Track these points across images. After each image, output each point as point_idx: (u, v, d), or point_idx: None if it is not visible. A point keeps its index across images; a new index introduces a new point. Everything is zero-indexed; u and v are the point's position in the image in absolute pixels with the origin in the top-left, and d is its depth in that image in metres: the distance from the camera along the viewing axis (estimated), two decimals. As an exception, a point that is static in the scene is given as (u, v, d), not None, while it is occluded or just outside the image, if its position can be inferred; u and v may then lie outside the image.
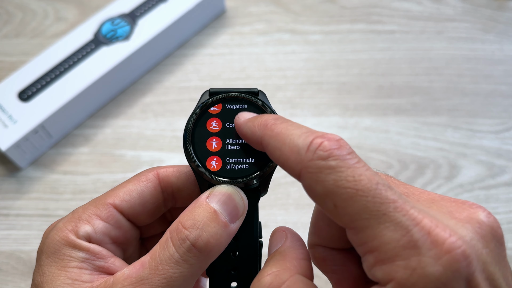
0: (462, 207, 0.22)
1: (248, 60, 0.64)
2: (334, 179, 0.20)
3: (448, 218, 0.21)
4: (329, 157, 0.21)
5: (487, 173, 0.57)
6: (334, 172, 0.21)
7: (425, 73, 0.63)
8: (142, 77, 0.63)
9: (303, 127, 0.23)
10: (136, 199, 0.28)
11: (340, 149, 0.21)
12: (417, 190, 0.24)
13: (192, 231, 0.24)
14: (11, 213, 0.56)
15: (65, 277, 0.25)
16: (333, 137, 0.22)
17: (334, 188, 0.20)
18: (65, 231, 0.26)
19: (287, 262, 0.24)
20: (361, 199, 0.20)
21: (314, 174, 0.21)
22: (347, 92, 0.62)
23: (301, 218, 0.53)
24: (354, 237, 0.21)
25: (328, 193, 0.21)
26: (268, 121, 0.24)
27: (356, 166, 0.21)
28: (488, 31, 0.66)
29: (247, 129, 0.25)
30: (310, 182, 0.21)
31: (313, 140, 0.22)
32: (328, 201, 0.21)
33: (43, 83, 0.58)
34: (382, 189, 0.20)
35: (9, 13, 0.68)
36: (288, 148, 0.22)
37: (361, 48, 0.65)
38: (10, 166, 0.58)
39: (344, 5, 0.68)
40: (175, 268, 0.24)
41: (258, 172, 0.27)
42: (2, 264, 0.53)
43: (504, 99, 0.61)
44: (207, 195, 0.26)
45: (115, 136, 0.60)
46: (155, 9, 0.62)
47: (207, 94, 0.28)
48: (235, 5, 0.68)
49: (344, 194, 0.20)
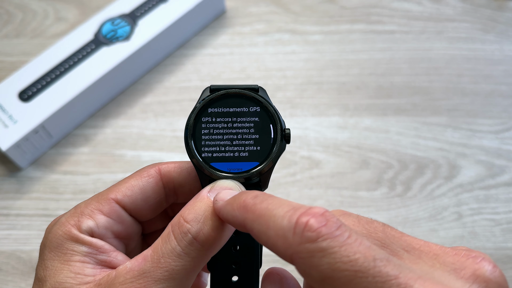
0: (466, 262, 0.21)
1: (248, 60, 0.64)
2: (329, 262, 0.19)
3: (454, 279, 0.20)
4: (318, 238, 0.19)
5: (487, 173, 0.57)
6: (327, 255, 0.19)
7: (425, 73, 0.63)
8: (142, 77, 0.63)
9: (284, 203, 0.21)
10: (138, 194, 0.29)
11: (327, 226, 0.19)
12: (417, 243, 0.22)
13: (193, 225, 0.24)
14: (11, 213, 0.56)
15: (68, 271, 0.25)
16: (317, 212, 0.20)
17: (330, 273, 0.19)
18: (68, 226, 0.27)
19: None
20: (361, 281, 0.19)
21: (306, 259, 0.19)
22: (347, 92, 0.62)
23: (301, 218, 0.53)
24: None
25: (326, 278, 0.19)
26: (247, 201, 0.23)
27: (348, 242, 0.19)
28: (488, 31, 0.66)
29: (227, 213, 0.24)
30: (305, 267, 0.20)
31: (297, 220, 0.20)
32: (328, 286, 0.19)
33: (44, 83, 0.58)
34: (381, 265, 0.19)
35: (9, 13, 0.68)
36: (273, 233, 0.21)
37: (361, 48, 0.65)
38: (10, 166, 0.58)
39: (344, 5, 0.68)
40: (177, 261, 0.24)
41: (259, 167, 0.28)
42: (2, 264, 0.53)
43: (504, 99, 0.61)
44: (209, 190, 0.26)
45: (115, 136, 0.60)
46: (155, 9, 0.62)
47: (208, 91, 0.29)
48: (235, 5, 0.68)
49: (343, 278, 0.19)
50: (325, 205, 0.55)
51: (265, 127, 0.28)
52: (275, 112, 0.28)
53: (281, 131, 0.28)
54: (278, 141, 0.28)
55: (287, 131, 0.28)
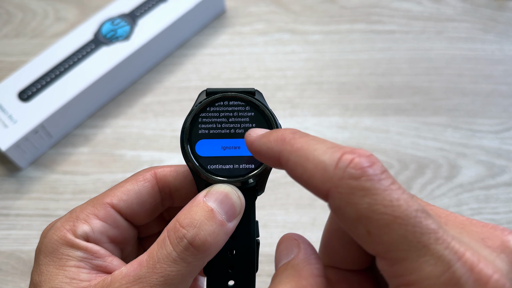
0: (494, 233, 0.21)
1: (248, 60, 0.64)
2: (369, 202, 0.19)
3: (482, 247, 0.20)
4: (362, 177, 0.19)
5: (487, 173, 0.57)
6: (369, 195, 0.19)
7: (425, 73, 0.63)
8: (142, 77, 0.63)
9: (326, 141, 0.21)
10: (134, 199, 0.28)
11: (373, 168, 0.19)
12: (443, 212, 0.22)
13: (189, 230, 0.24)
14: (11, 213, 0.56)
15: (63, 276, 0.25)
16: (363, 153, 0.20)
17: (368, 213, 0.19)
18: (63, 231, 0.26)
19: (302, 280, 0.22)
20: (399, 227, 0.18)
21: (345, 195, 0.19)
22: (347, 92, 0.62)
23: (301, 218, 0.53)
24: (387, 268, 0.19)
25: (362, 218, 0.19)
26: (285, 135, 0.22)
27: (392, 188, 0.19)
28: (488, 31, 0.66)
29: (262, 144, 0.23)
30: (340, 203, 0.19)
31: (341, 156, 0.20)
32: (361, 226, 0.19)
33: (43, 83, 0.58)
34: (422, 216, 0.19)
35: (9, 13, 0.68)
36: (312, 165, 0.20)
37: (361, 48, 0.65)
38: (10, 166, 0.58)
39: (344, 5, 0.68)
40: (173, 266, 0.24)
41: (255, 171, 0.28)
42: (2, 264, 0.53)
43: (504, 99, 0.61)
44: (205, 194, 0.26)
45: (115, 136, 0.60)
46: (155, 9, 0.62)
47: (204, 94, 0.29)
48: (235, 5, 0.68)
49: (381, 221, 0.19)
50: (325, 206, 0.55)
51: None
52: (271, 116, 0.28)
53: None
54: None
55: None
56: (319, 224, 0.52)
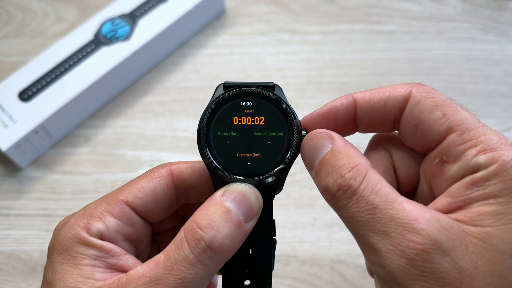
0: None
1: (248, 60, 0.64)
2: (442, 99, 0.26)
3: None
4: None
5: (487, 173, 0.57)
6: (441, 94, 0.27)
7: (425, 73, 0.63)
8: (142, 77, 0.63)
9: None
10: (149, 196, 0.28)
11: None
12: None
13: (207, 232, 0.24)
14: (11, 213, 0.56)
15: (77, 275, 0.25)
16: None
17: (443, 102, 0.26)
18: (77, 228, 0.26)
19: (356, 158, 0.26)
20: (464, 111, 0.26)
21: (424, 93, 0.27)
22: (347, 92, 0.61)
23: (301, 218, 0.53)
24: (457, 138, 0.25)
25: (438, 106, 0.26)
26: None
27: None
28: (488, 31, 0.66)
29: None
30: (421, 97, 0.27)
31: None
32: (437, 111, 0.26)
33: (43, 83, 0.58)
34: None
35: (9, 13, 0.68)
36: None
37: (361, 48, 0.65)
38: (10, 166, 0.58)
39: (344, 5, 0.68)
40: (190, 269, 0.24)
41: (275, 170, 0.27)
42: (2, 264, 0.53)
43: (504, 99, 0.61)
44: (222, 193, 0.26)
45: (115, 136, 0.60)
46: (155, 9, 0.62)
47: (222, 88, 0.27)
48: (235, 5, 0.68)
49: (453, 107, 0.26)
50: (324, 206, 0.55)
51: (280, 128, 0.27)
52: (291, 113, 0.27)
53: (298, 133, 0.27)
54: (293, 143, 0.27)
55: (303, 132, 0.27)
56: (319, 224, 0.52)
